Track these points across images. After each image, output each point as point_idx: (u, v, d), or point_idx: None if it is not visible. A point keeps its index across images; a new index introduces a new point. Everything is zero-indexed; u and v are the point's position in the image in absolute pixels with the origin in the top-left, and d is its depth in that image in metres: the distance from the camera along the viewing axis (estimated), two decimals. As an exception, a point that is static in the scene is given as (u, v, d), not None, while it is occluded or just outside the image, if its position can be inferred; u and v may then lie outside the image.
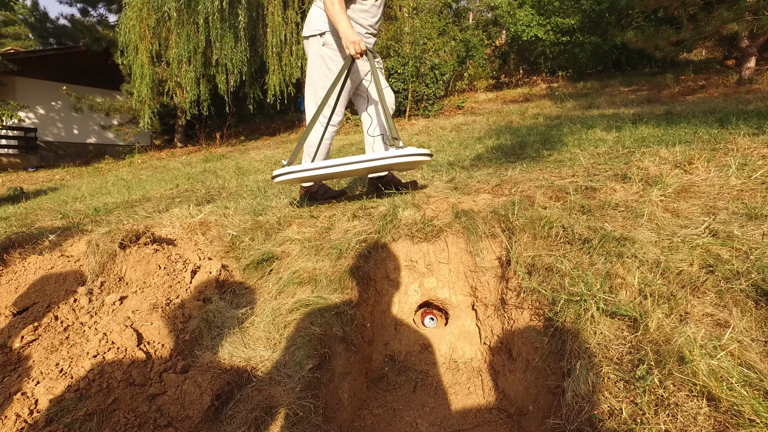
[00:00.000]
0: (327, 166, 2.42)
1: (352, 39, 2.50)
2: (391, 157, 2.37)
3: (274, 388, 1.57)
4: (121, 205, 4.56)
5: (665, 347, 1.29)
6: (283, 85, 11.90)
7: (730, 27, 8.29)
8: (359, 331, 2.02)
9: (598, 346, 1.42)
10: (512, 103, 11.84)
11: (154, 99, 12.01)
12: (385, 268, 2.28)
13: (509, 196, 2.46)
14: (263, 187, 5.00)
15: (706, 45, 13.89)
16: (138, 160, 12.86)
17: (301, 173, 2.46)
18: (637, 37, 9.88)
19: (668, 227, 1.89)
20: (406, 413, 1.92)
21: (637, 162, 2.58)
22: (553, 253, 1.91)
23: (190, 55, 11.27)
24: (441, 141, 7.34)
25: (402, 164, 2.52)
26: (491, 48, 17.17)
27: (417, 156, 2.38)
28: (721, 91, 8.92)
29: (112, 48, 13.79)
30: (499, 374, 1.97)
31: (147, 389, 1.55)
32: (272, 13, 11.25)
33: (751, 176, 2.10)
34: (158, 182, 7.05)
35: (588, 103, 9.46)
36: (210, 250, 2.44)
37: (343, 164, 2.41)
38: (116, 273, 2.12)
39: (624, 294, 1.57)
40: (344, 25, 2.52)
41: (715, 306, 1.44)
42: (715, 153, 2.52)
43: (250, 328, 1.89)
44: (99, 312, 1.88)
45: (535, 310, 1.78)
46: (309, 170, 2.44)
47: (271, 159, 8.24)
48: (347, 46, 2.52)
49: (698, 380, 1.16)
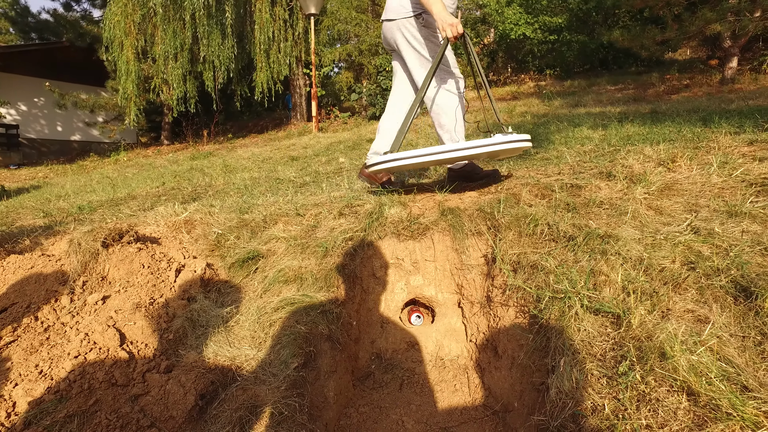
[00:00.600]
0: (425, 154, 2.29)
1: (449, 21, 2.38)
2: (496, 144, 2.25)
3: (258, 387, 1.56)
4: (106, 204, 4.50)
5: (647, 343, 1.31)
6: (270, 82, 11.83)
7: (713, 27, 8.41)
8: (345, 330, 2.01)
9: (582, 343, 1.43)
10: (500, 101, 11.88)
11: (140, 96, 11.85)
12: (372, 266, 2.27)
13: (495, 193, 2.47)
14: (250, 185, 4.97)
15: (691, 45, 14.06)
16: (124, 157, 12.69)
17: (400, 161, 2.32)
18: (624, 37, 9.98)
19: (651, 224, 1.91)
20: (393, 411, 1.92)
21: (622, 160, 2.61)
22: (538, 250, 1.92)
23: (176, 52, 11.14)
24: (429, 138, 7.33)
25: (501, 152, 2.39)
26: (479, 46, 17.21)
27: (521, 143, 2.28)
28: (705, 91, 9.04)
29: (97, 44, 13.57)
30: (485, 371, 1.98)
31: (130, 390, 1.53)
32: (260, 9, 11.18)
33: (731, 174, 2.13)
34: (144, 180, 6.97)
35: (575, 102, 9.53)
36: (195, 248, 2.42)
37: (441, 152, 2.28)
38: (99, 272, 2.09)
39: (607, 291, 1.58)
40: (439, 6, 2.41)
41: (696, 302, 1.46)
42: (698, 151, 2.55)
43: (235, 327, 1.87)
44: (81, 312, 1.85)
45: (521, 308, 1.79)
46: (408, 158, 2.30)
47: (259, 157, 8.18)
48: (444, 29, 2.40)
49: (678, 375, 1.18)
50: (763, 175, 2.04)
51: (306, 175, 5.03)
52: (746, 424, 1.03)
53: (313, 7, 10.44)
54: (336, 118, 13.41)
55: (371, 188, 3.06)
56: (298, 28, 12.70)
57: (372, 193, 2.79)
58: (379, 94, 11.64)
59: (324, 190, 3.41)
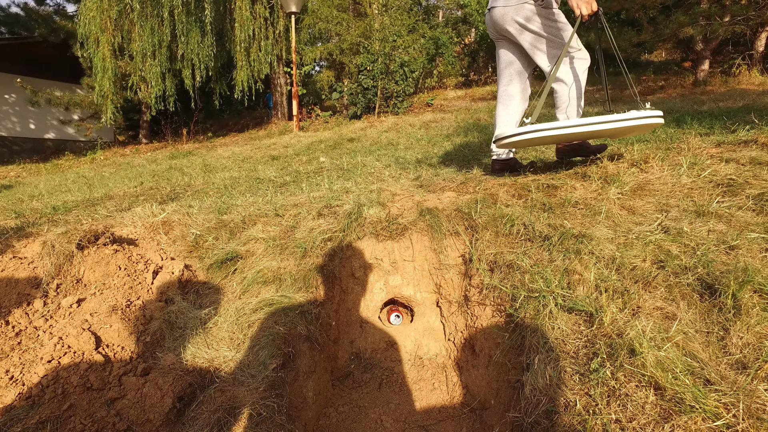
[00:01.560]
0: (560, 127, 2.30)
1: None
2: (631, 119, 2.25)
3: (237, 389, 1.56)
4: (82, 204, 4.41)
5: (618, 340, 1.35)
6: (251, 80, 11.72)
7: (686, 30, 8.64)
8: (324, 330, 2.02)
9: (556, 341, 1.47)
10: (481, 101, 12.00)
11: (118, 93, 11.60)
12: (351, 267, 2.28)
13: (473, 194, 2.50)
14: (230, 184, 4.92)
15: (666, 47, 14.40)
16: (100, 156, 12.43)
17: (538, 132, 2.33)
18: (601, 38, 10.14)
19: (624, 224, 1.96)
20: (372, 410, 1.93)
21: (597, 161, 2.66)
22: (514, 250, 1.96)
23: (154, 49, 10.95)
24: (410, 138, 7.37)
25: (636, 128, 2.40)
26: (461, 46, 17.34)
27: (654, 119, 2.27)
28: (679, 92, 9.28)
29: (71, 40, 13.21)
30: (463, 370, 2.01)
31: (105, 393, 1.51)
32: (240, 7, 11.06)
33: (700, 175, 2.20)
34: (122, 180, 6.84)
35: (553, 102, 9.66)
36: (173, 249, 2.39)
37: (579, 126, 2.29)
38: (73, 275, 2.05)
39: (581, 290, 1.62)
40: None
41: (665, 300, 1.51)
42: (669, 152, 2.62)
43: (213, 329, 1.86)
44: (54, 315, 1.82)
45: (497, 307, 1.82)
46: (547, 130, 2.31)
47: (239, 156, 8.11)
48: (579, 6, 2.47)
49: (646, 371, 1.22)
50: (728, 176, 2.11)
51: (286, 174, 5.01)
52: (707, 416, 1.07)
53: (293, 5, 10.37)
54: (317, 117, 13.36)
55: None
56: (279, 26, 12.60)
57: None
58: (360, 93, 11.62)
59: (304, 190, 3.41)
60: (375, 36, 11.53)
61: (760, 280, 1.43)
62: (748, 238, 1.67)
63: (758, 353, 1.25)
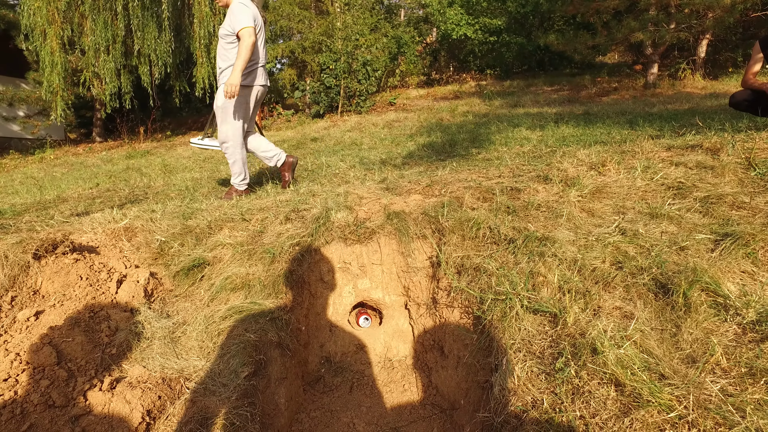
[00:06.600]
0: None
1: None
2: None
3: (209, 399, 1.54)
4: (33, 207, 4.21)
5: (581, 340, 1.42)
6: (212, 78, 11.42)
7: (636, 35, 9.07)
8: (294, 335, 2.02)
9: (523, 342, 1.53)
10: (443, 100, 12.16)
11: (68, 90, 11.05)
12: (319, 271, 2.29)
13: (439, 197, 2.55)
14: (192, 186, 4.81)
15: (619, 50, 14.99)
16: (50, 155, 11.84)
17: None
18: (558, 40, 10.53)
19: (584, 226, 2.05)
20: (344, 414, 1.95)
21: (558, 164, 2.76)
22: (480, 253, 2.02)
23: (108, 44, 10.50)
24: (373, 138, 7.40)
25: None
26: (422, 45, 17.48)
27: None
28: (631, 94, 9.70)
29: (13, 31, 12.49)
30: (432, 371, 2.05)
31: (69, 410, 1.46)
32: (199, 2, 10.75)
33: (653, 178, 2.33)
34: (75, 181, 6.56)
35: (514, 102, 9.92)
36: (137, 257, 2.33)
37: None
38: (30, 286, 1.97)
39: (545, 291, 1.69)
40: None
41: (623, 299, 1.59)
42: (625, 156, 2.75)
43: (182, 338, 1.83)
44: (10, 330, 1.74)
45: (465, 309, 1.87)
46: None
47: (200, 156, 7.91)
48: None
49: (608, 369, 1.29)
50: (678, 180, 2.24)
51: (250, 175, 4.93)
52: (662, 409, 1.14)
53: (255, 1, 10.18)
54: (279, 116, 13.19)
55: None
56: (240, 22, 12.32)
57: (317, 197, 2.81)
58: (323, 91, 11.56)
59: (269, 194, 3.37)
60: (337, 34, 11.50)
61: (707, 279, 1.54)
62: (696, 239, 1.78)
63: (705, 347, 1.35)
